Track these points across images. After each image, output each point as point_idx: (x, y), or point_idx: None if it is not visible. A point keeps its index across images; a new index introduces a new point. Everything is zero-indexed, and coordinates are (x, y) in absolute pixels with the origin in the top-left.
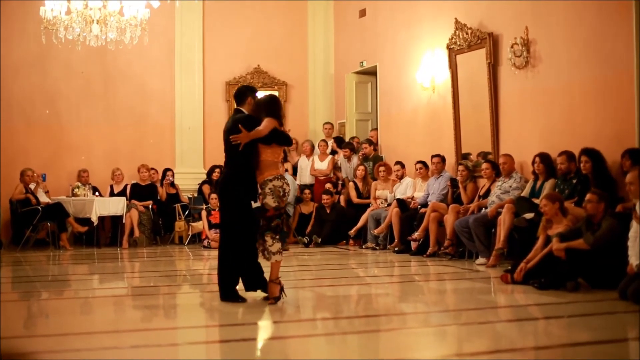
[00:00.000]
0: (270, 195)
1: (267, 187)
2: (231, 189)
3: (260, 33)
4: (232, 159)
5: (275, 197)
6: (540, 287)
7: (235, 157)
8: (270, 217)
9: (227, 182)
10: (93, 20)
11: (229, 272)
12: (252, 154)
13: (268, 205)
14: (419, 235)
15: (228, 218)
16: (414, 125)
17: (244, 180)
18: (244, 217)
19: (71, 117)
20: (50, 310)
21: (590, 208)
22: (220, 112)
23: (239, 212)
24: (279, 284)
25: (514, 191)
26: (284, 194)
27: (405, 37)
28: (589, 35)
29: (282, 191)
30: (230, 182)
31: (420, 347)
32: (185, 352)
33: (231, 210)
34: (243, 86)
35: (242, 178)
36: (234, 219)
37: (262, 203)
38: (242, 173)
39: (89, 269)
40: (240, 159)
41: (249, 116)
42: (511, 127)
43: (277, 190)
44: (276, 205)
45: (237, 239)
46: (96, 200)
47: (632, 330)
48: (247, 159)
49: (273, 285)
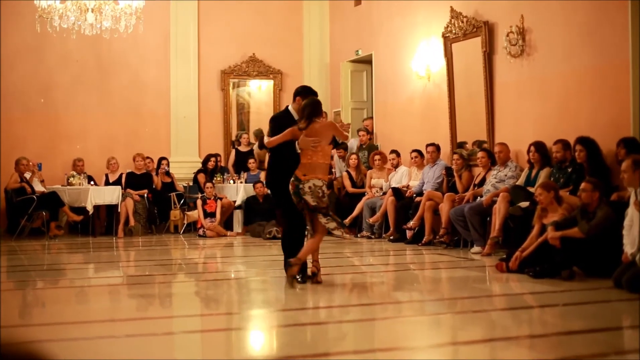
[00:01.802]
0: (310, 195)
1: (307, 187)
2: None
3: (256, 22)
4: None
5: (314, 197)
6: (535, 275)
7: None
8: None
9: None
10: (88, 9)
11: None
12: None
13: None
14: (414, 224)
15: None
16: (409, 113)
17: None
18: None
19: (66, 106)
20: (45, 300)
21: (585, 197)
22: (215, 101)
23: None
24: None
25: (509, 180)
26: (323, 194)
27: (401, 26)
28: (584, 24)
29: (322, 192)
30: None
31: (415, 336)
32: (180, 341)
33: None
34: (300, 86)
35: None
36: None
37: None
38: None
39: (84, 258)
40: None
41: (273, 117)
42: (506, 116)
43: (316, 191)
44: (315, 204)
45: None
46: (91, 189)
47: (627, 319)
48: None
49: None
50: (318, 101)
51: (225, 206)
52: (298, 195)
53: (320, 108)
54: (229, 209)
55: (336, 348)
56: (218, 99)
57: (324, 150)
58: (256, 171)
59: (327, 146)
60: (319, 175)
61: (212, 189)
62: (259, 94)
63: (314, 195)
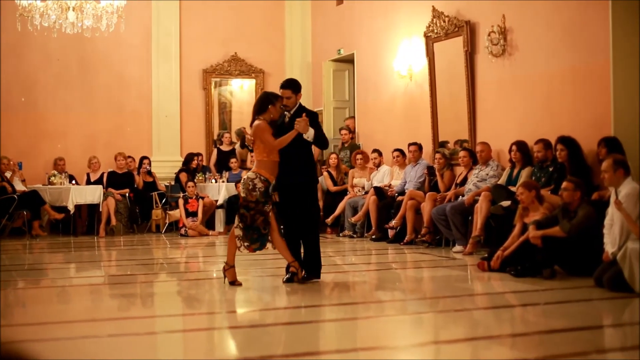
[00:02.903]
0: (242, 187)
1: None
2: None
3: (238, 21)
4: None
5: (244, 189)
6: (517, 274)
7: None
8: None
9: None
10: (69, 8)
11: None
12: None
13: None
14: (396, 223)
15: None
16: (391, 113)
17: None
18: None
19: (47, 104)
20: (27, 299)
21: (566, 196)
22: (197, 100)
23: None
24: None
25: (490, 179)
26: (253, 187)
27: (383, 25)
28: (565, 24)
29: (252, 184)
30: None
31: (397, 335)
32: (162, 341)
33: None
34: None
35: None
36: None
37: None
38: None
39: (65, 258)
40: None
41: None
42: (488, 115)
43: (247, 182)
44: (244, 196)
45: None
46: (73, 188)
47: (608, 317)
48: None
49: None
50: (262, 96)
51: (207, 205)
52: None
53: (263, 104)
54: (211, 208)
55: (318, 347)
56: (200, 98)
57: (258, 148)
58: (238, 170)
59: (260, 144)
60: (254, 169)
61: (194, 188)
62: (241, 93)
63: (244, 188)
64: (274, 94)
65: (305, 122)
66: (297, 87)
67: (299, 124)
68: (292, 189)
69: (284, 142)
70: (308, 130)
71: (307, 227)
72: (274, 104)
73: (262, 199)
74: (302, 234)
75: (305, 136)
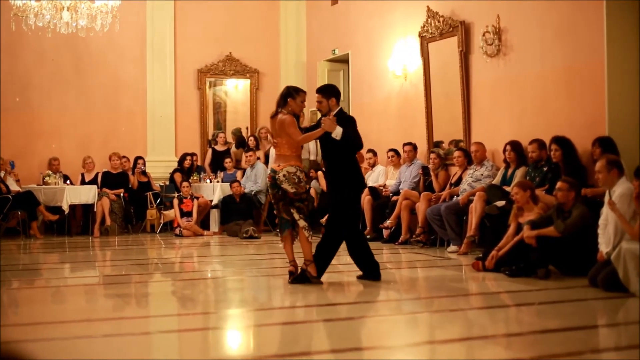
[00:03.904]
0: (287, 183)
1: (281, 175)
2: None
3: (232, 21)
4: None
5: (291, 184)
6: (512, 274)
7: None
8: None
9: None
10: (63, 7)
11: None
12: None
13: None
14: (390, 223)
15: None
16: (386, 113)
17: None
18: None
19: (42, 104)
20: (21, 300)
21: (561, 196)
22: (192, 100)
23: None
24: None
25: (485, 179)
26: (299, 180)
27: (378, 25)
28: (560, 24)
29: (297, 178)
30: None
31: (392, 335)
32: (157, 341)
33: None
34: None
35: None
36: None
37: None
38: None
39: (60, 258)
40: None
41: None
42: (483, 115)
43: (291, 177)
44: (294, 190)
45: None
46: (67, 188)
47: (602, 317)
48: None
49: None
50: (284, 90)
51: (202, 205)
52: (275, 186)
53: (283, 98)
54: (206, 208)
55: (313, 347)
56: (195, 98)
57: (288, 142)
58: (232, 170)
59: (290, 139)
60: (291, 162)
61: (189, 188)
62: (236, 93)
63: (290, 182)
64: (295, 87)
65: (332, 121)
66: (326, 92)
67: (325, 122)
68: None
69: (309, 138)
70: (335, 129)
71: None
72: (293, 98)
73: (306, 188)
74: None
75: (333, 135)
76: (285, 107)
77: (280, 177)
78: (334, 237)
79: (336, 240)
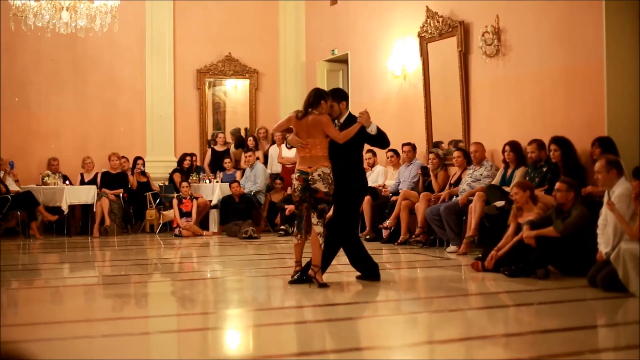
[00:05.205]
0: (321, 182)
1: (316, 175)
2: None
3: (232, 21)
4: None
5: (325, 184)
6: (511, 274)
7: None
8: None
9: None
10: (62, 8)
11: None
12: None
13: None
14: (390, 223)
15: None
16: (385, 113)
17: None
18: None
19: (41, 104)
20: (20, 300)
21: (560, 197)
22: (191, 100)
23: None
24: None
25: (484, 179)
26: (332, 181)
27: (377, 25)
28: (559, 24)
29: (330, 179)
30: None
31: (391, 335)
32: (156, 341)
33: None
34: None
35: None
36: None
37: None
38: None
39: (59, 258)
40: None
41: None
42: (482, 116)
43: (326, 177)
44: (327, 190)
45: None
46: (66, 188)
47: (602, 317)
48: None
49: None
50: (315, 91)
51: (201, 206)
52: (307, 188)
53: (316, 99)
54: (205, 208)
55: (313, 347)
56: (194, 98)
57: (322, 143)
58: (232, 170)
59: (323, 139)
60: (325, 163)
61: (188, 188)
62: (235, 94)
63: (324, 182)
64: (325, 90)
65: (368, 115)
66: (337, 96)
67: (362, 116)
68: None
69: (349, 134)
70: (370, 124)
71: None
72: (326, 100)
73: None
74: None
75: (369, 130)
76: (318, 107)
77: (315, 176)
78: (334, 239)
79: (337, 241)
